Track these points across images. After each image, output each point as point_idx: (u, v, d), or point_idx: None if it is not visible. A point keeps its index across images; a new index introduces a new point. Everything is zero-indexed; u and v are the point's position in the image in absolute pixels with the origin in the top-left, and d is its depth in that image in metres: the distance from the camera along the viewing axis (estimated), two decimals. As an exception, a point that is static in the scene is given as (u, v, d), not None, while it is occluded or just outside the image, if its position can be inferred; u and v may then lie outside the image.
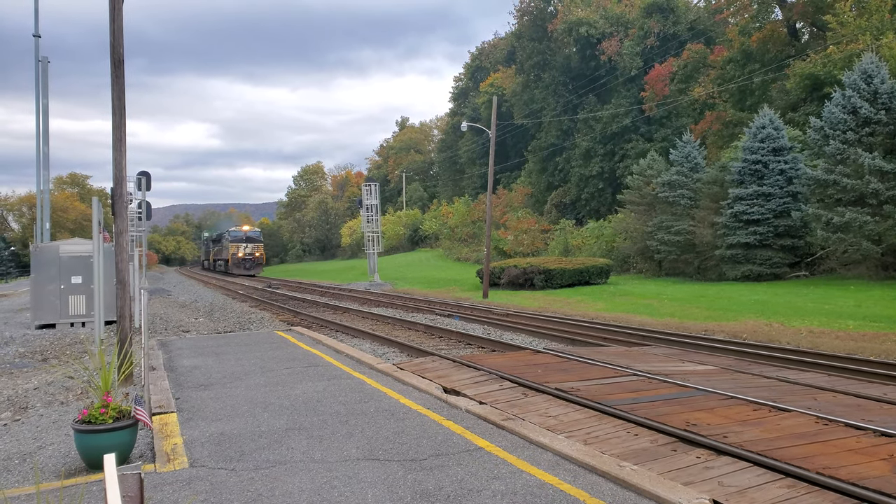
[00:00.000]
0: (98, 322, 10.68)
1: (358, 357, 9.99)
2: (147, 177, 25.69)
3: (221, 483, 4.66)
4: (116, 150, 8.71)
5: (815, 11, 37.04)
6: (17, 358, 12.30)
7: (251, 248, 57.88)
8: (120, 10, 8.77)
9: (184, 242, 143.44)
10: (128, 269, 9.01)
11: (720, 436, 5.37)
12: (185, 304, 25.50)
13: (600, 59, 51.06)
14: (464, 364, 9.09)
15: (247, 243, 57.70)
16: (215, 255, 69.87)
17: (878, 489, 4.17)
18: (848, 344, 11.54)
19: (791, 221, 27.11)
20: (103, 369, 5.37)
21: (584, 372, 8.42)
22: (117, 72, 8.69)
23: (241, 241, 57.92)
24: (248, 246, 57.70)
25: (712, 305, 19.22)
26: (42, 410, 7.54)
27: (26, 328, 16.93)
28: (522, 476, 4.68)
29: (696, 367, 9.00)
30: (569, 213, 51.86)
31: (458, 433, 5.78)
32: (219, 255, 66.77)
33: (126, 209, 9.03)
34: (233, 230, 60.72)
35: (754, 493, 4.32)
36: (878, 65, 24.84)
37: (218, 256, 67.58)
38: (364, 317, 18.47)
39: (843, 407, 6.42)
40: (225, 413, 6.70)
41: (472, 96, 76.57)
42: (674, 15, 48.97)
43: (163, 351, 11.25)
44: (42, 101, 24.92)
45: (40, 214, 25.26)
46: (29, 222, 69.66)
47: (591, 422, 6.16)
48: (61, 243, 17.98)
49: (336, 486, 4.55)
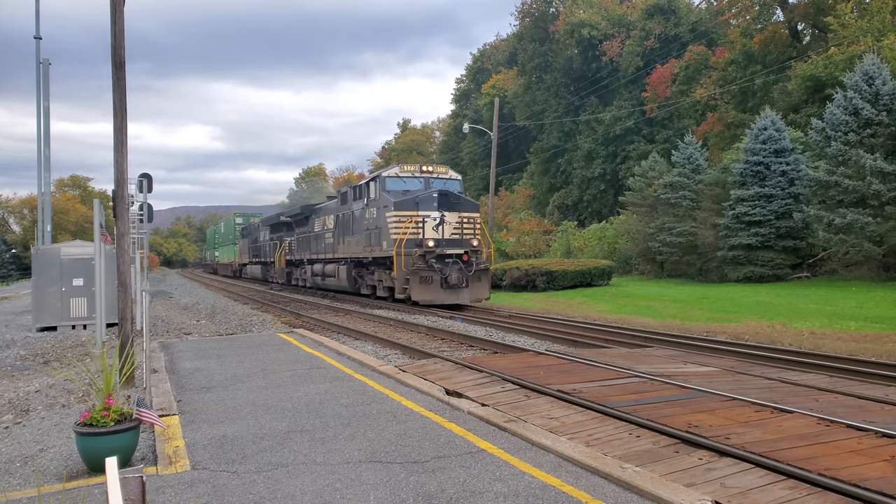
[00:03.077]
0: (99, 324, 10.68)
1: (360, 359, 9.99)
2: (149, 179, 25.70)
3: (223, 485, 4.65)
4: (118, 151, 8.71)
5: (816, 13, 37.02)
6: (18, 360, 12.31)
7: (457, 225, 20.43)
8: (121, 13, 8.78)
9: (185, 244, 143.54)
10: (129, 271, 9.01)
11: (722, 437, 5.36)
12: (186, 307, 25.51)
13: (602, 61, 51.06)
14: (466, 366, 9.09)
15: (444, 211, 20.17)
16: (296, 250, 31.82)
17: (879, 490, 4.16)
18: (849, 345, 11.52)
19: (793, 223, 27.08)
20: (105, 372, 5.37)
21: (586, 374, 8.42)
22: (118, 74, 8.70)
23: (429, 204, 20.14)
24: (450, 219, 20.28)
25: (714, 307, 19.20)
26: (43, 413, 7.54)
27: (27, 331, 16.93)
28: (525, 478, 4.68)
29: (698, 368, 8.99)
30: (571, 215, 51.85)
31: (461, 435, 5.77)
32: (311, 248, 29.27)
33: (127, 211, 9.04)
34: (388, 176, 21.54)
35: (756, 494, 4.31)
36: (879, 66, 24.83)
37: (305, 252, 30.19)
38: (366, 319, 18.47)
39: (844, 408, 6.41)
40: (227, 415, 6.70)
41: (473, 98, 76.58)
42: (675, 16, 48.95)
43: (164, 353, 11.25)
44: (43, 104, 24.99)
45: (41, 216, 25.32)
46: (30, 224, 69.69)
47: (593, 423, 6.15)
48: (62, 245, 18.01)
49: (338, 488, 4.55)
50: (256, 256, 42.72)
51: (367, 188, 22.64)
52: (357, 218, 23.23)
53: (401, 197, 20.58)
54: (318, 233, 28.85)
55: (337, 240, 25.66)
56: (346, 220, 24.45)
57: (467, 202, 21.34)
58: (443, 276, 19.44)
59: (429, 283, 19.32)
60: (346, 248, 24.45)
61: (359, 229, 22.99)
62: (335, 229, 25.94)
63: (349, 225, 24.12)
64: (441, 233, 20.06)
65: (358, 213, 23.13)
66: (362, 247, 22.57)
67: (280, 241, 35.51)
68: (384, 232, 20.74)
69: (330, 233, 26.82)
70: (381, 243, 20.93)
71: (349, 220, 24.10)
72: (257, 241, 42.53)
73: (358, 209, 23.15)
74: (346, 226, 24.54)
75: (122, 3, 8.82)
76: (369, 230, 21.96)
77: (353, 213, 23.60)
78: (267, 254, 39.10)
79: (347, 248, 24.31)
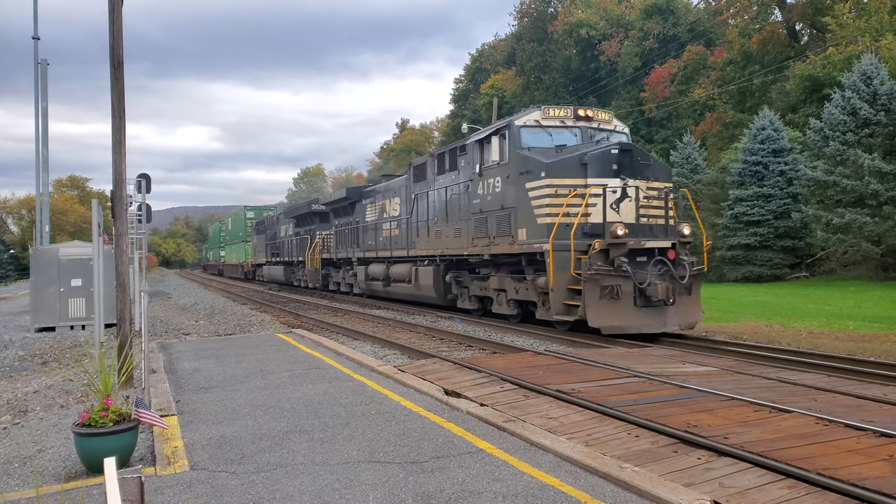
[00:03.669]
0: (98, 325, 10.67)
1: (359, 359, 9.99)
2: (147, 179, 25.69)
3: (222, 486, 4.65)
4: (116, 152, 8.71)
5: (814, 13, 37.11)
6: (16, 361, 12.29)
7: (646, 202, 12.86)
8: (119, 13, 8.78)
9: (184, 245, 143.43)
10: (128, 271, 9.00)
11: (721, 437, 5.36)
12: (185, 307, 25.49)
13: (600, 61, 51.12)
14: (465, 366, 9.09)
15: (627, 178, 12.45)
16: (338, 246, 26.52)
17: (878, 489, 4.16)
18: (848, 345, 11.53)
19: (791, 223, 27.14)
20: (103, 372, 5.37)
21: (585, 373, 8.42)
22: (117, 74, 8.69)
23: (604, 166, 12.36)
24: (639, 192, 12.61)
25: (713, 306, 19.20)
26: (42, 414, 7.53)
27: (26, 331, 16.92)
28: (523, 478, 4.68)
29: (696, 368, 8.99)
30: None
31: (459, 435, 5.77)
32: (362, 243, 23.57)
33: (126, 212, 9.03)
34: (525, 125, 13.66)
35: (755, 493, 4.32)
36: (877, 66, 24.89)
37: (351, 249, 24.70)
38: (365, 319, 18.47)
39: (843, 407, 6.41)
40: (225, 416, 6.69)
41: (472, 98, 76.56)
42: (673, 16, 49.02)
43: (163, 354, 11.25)
44: (42, 104, 24.95)
45: (39, 217, 25.29)
46: (28, 225, 69.62)
47: (592, 423, 6.15)
48: (61, 246, 18.00)
49: (337, 488, 4.55)
50: (276, 255, 36.56)
51: (479, 149, 15.15)
52: (454, 197, 16.61)
53: (554, 156, 13.17)
54: (372, 223, 22.87)
55: (411, 231, 19.43)
56: (431, 202, 18.05)
57: (658, 166, 13.86)
58: (639, 286, 12.07)
59: (615, 299, 11.97)
60: (432, 241, 17.90)
61: (457, 213, 16.37)
62: (408, 216, 19.65)
63: (435, 208, 17.81)
64: (628, 213, 12.68)
65: (455, 189, 16.55)
66: (467, 238, 15.79)
67: (311, 235, 29.59)
68: (521, 213, 13.47)
69: (393, 222, 20.96)
70: (515, 231, 13.72)
71: (435, 201, 17.80)
72: (277, 238, 36.52)
73: (454, 184, 16.64)
74: (431, 209, 18.03)
75: (121, 4, 8.82)
76: (484, 213, 14.97)
77: (445, 192, 17.15)
78: (291, 252, 33.18)
79: (434, 242, 17.73)
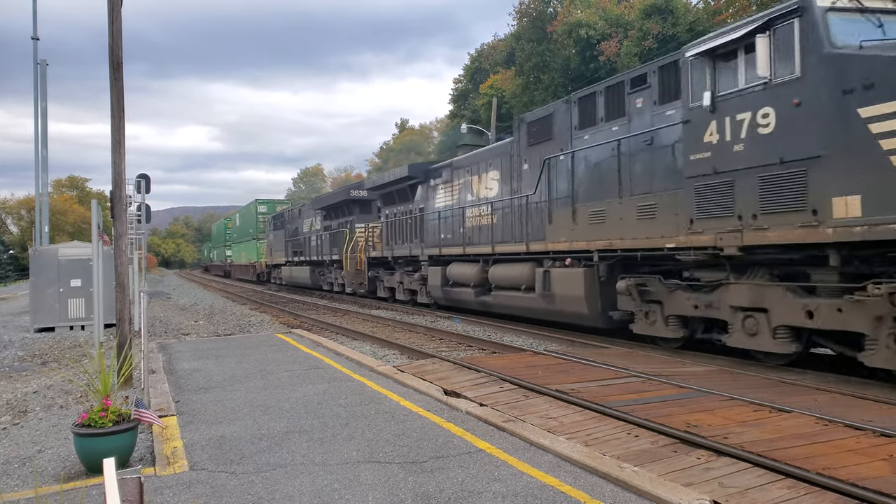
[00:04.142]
0: (97, 325, 10.66)
1: (358, 359, 9.99)
2: (146, 179, 25.68)
3: (221, 486, 4.65)
4: (115, 152, 8.71)
5: (813, 12, 37.08)
6: (16, 361, 12.29)
7: None
8: (118, 13, 8.77)
9: (183, 245, 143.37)
10: (127, 271, 9.00)
11: (720, 437, 5.37)
12: (184, 307, 25.49)
13: (600, 61, 51.12)
14: (464, 366, 9.09)
15: None
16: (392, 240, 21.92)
17: (877, 489, 4.16)
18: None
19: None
20: (103, 373, 5.37)
21: (584, 373, 8.42)
22: (116, 74, 8.69)
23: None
24: None
25: None
26: (41, 414, 7.53)
27: (25, 331, 16.92)
28: (523, 478, 4.68)
29: (696, 367, 9.00)
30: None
31: (459, 435, 5.77)
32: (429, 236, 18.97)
33: (125, 212, 9.03)
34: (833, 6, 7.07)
35: (755, 493, 4.32)
36: (876, 65, 24.80)
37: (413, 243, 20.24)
38: (364, 319, 18.47)
39: (842, 407, 6.41)
40: (225, 416, 6.69)
41: (471, 98, 76.51)
42: (673, 16, 49.01)
43: (162, 354, 11.25)
44: (41, 104, 24.96)
45: (39, 217, 25.28)
46: (28, 225, 69.57)
47: (591, 423, 6.15)
48: (60, 246, 18.01)
49: (336, 488, 4.55)
50: (299, 254, 32.06)
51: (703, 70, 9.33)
52: (629, 157, 11.03)
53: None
54: (447, 208, 18.02)
55: (530, 215, 14.09)
56: (577, 169, 12.42)
57: None
58: None
59: None
60: (581, 229, 12.14)
61: (645, 181, 10.71)
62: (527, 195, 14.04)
63: (586, 178, 12.21)
64: None
65: (631, 144, 11.00)
66: (671, 221, 9.96)
67: (350, 228, 24.98)
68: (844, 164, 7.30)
69: (488, 206, 15.74)
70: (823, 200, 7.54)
71: (583, 167, 12.27)
72: (299, 234, 32.43)
73: (626, 137, 11.08)
74: (578, 180, 12.42)
75: (120, 4, 8.82)
76: (723, 173, 8.88)
77: (604, 151, 11.67)
78: (319, 250, 28.99)
79: (586, 230, 11.99)
